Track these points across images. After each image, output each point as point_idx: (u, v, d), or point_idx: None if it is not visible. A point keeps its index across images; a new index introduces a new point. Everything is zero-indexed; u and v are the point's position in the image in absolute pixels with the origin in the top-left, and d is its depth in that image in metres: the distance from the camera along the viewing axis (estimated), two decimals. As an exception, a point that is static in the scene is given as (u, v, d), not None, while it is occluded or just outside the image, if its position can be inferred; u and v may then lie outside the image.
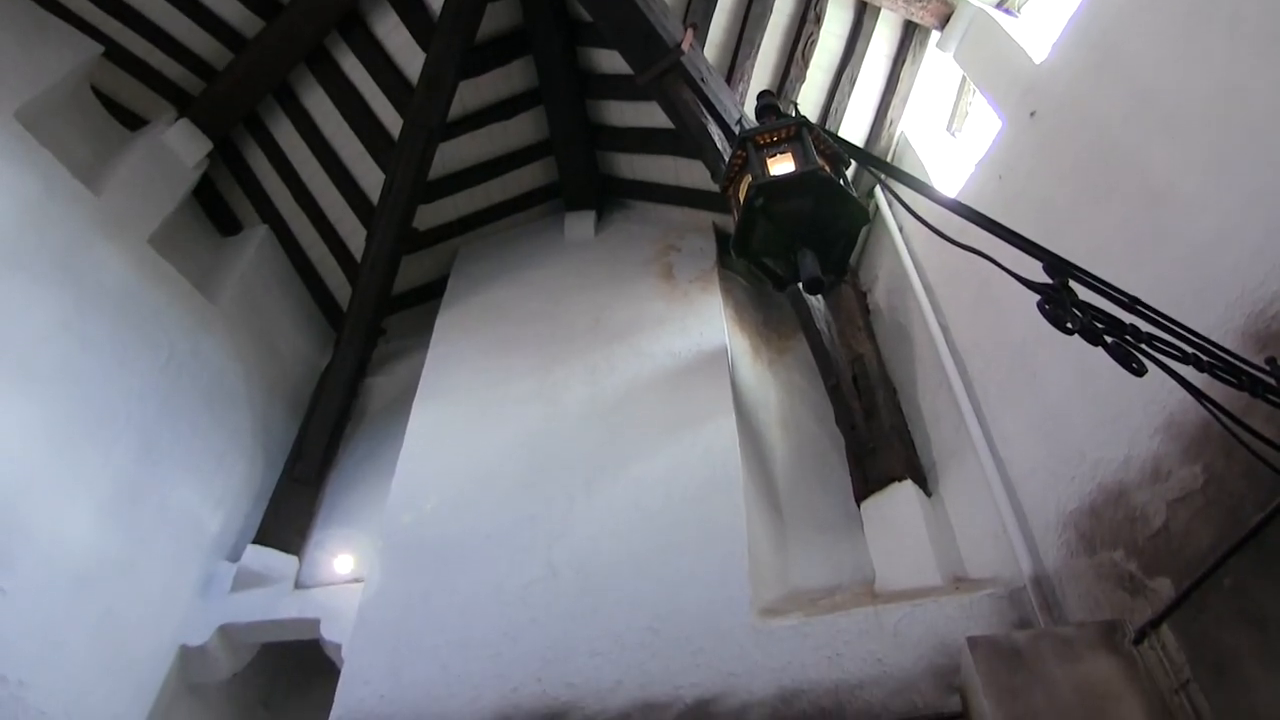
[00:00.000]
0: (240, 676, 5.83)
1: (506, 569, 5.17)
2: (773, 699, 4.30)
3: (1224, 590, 3.09)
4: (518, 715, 4.51)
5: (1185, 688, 3.25)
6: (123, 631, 5.04)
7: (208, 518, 5.97)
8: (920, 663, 4.23)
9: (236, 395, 6.49)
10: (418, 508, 5.60)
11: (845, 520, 5.36)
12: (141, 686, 5.14)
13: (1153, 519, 3.39)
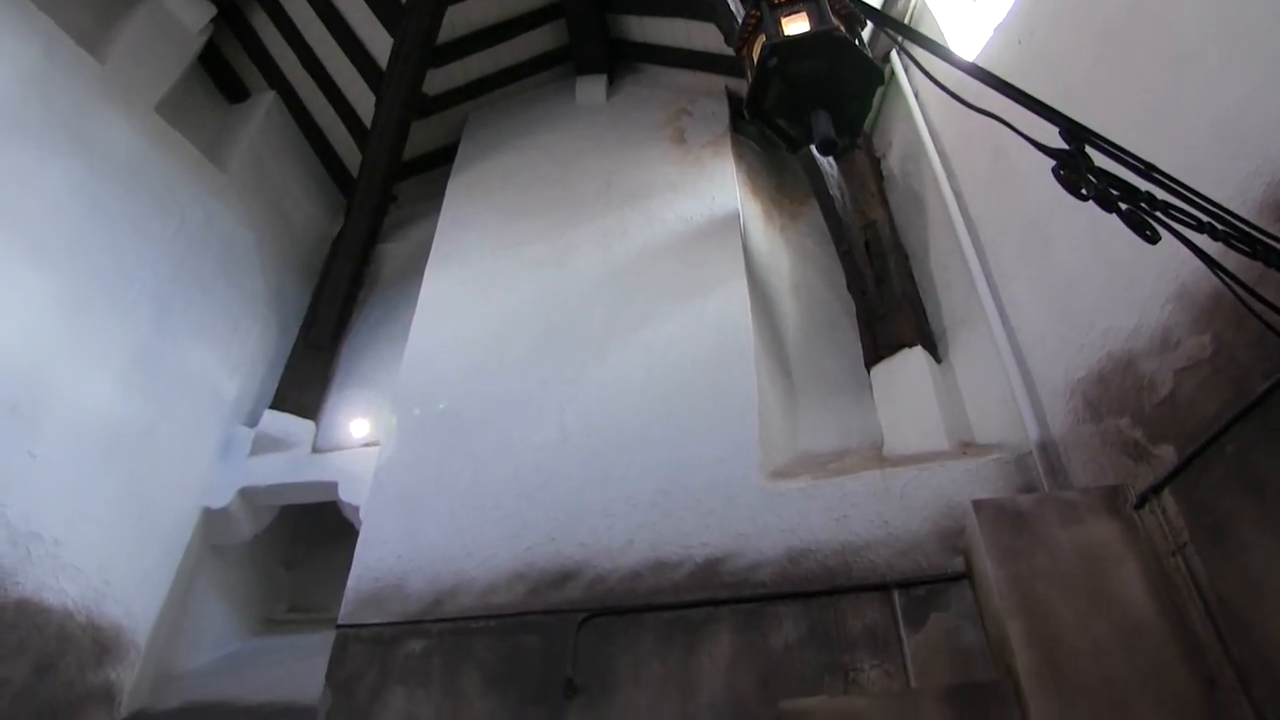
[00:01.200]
0: (261, 537, 6.01)
1: (519, 432, 5.27)
2: (781, 558, 4.42)
3: (1226, 457, 3.13)
4: (532, 573, 4.65)
5: (1182, 550, 3.32)
6: (148, 494, 5.19)
7: (225, 383, 6.06)
8: (926, 525, 4.33)
9: (249, 262, 6.52)
10: (427, 395, 5.67)
11: (855, 385, 5.41)
12: (168, 546, 5.31)
13: (1159, 387, 3.42)
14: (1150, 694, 3.19)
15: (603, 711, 4.10)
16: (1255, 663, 3.03)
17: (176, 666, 5.24)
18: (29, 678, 4.26)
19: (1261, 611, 2.99)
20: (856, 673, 3.99)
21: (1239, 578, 3.09)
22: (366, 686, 4.38)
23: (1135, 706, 3.18)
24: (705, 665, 4.16)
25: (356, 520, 5.31)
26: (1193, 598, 3.28)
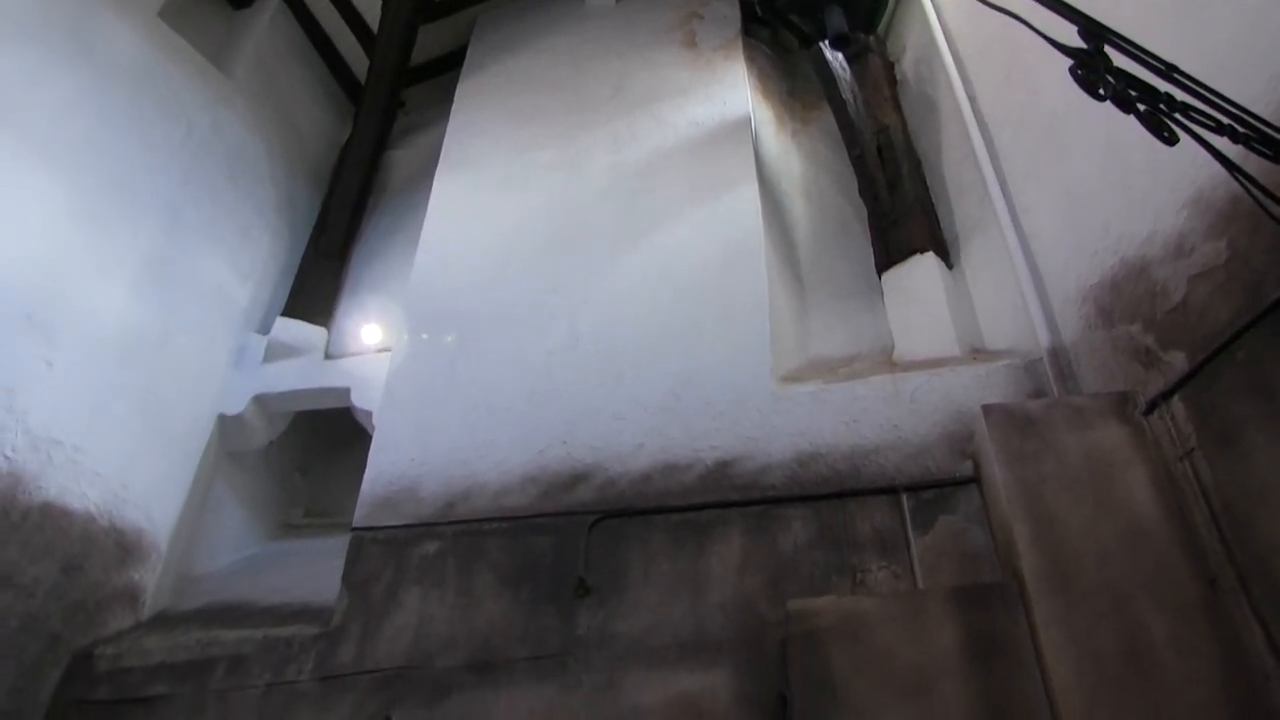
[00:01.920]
0: (276, 444, 6.09)
1: (530, 337, 5.30)
2: (790, 462, 4.47)
3: (1237, 363, 3.14)
4: (544, 476, 4.71)
5: (1190, 456, 3.36)
6: (164, 402, 5.24)
7: (237, 291, 6.08)
8: (935, 430, 4.37)
9: (258, 170, 6.48)
10: (437, 301, 5.68)
11: (866, 291, 5.42)
12: (185, 453, 5.39)
13: (1172, 294, 3.42)
14: (1152, 595, 3.26)
15: (613, 610, 4.19)
16: (1255, 565, 3.08)
17: (196, 569, 5.36)
18: (58, 578, 4.37)
19: (1265, 515, 3.04)
20: (864, 574, 4.06)
21: (1245, 482, 3.13)
22: (382, 587, 4.47)
23: (1137, 607, 3.25)
24: (715, 566, 4.23)
25: (369, 425, 5.36)
26: (1198, 502, 3.33)
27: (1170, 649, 3.14)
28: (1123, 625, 3.23)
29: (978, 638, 3.52)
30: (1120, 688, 3.11)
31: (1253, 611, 3.06)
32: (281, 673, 4.23)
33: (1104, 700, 3.10)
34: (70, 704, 4.25)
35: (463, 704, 3.97)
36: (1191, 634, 3.15)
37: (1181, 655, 3.12)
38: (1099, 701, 3.11)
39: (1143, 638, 3.18)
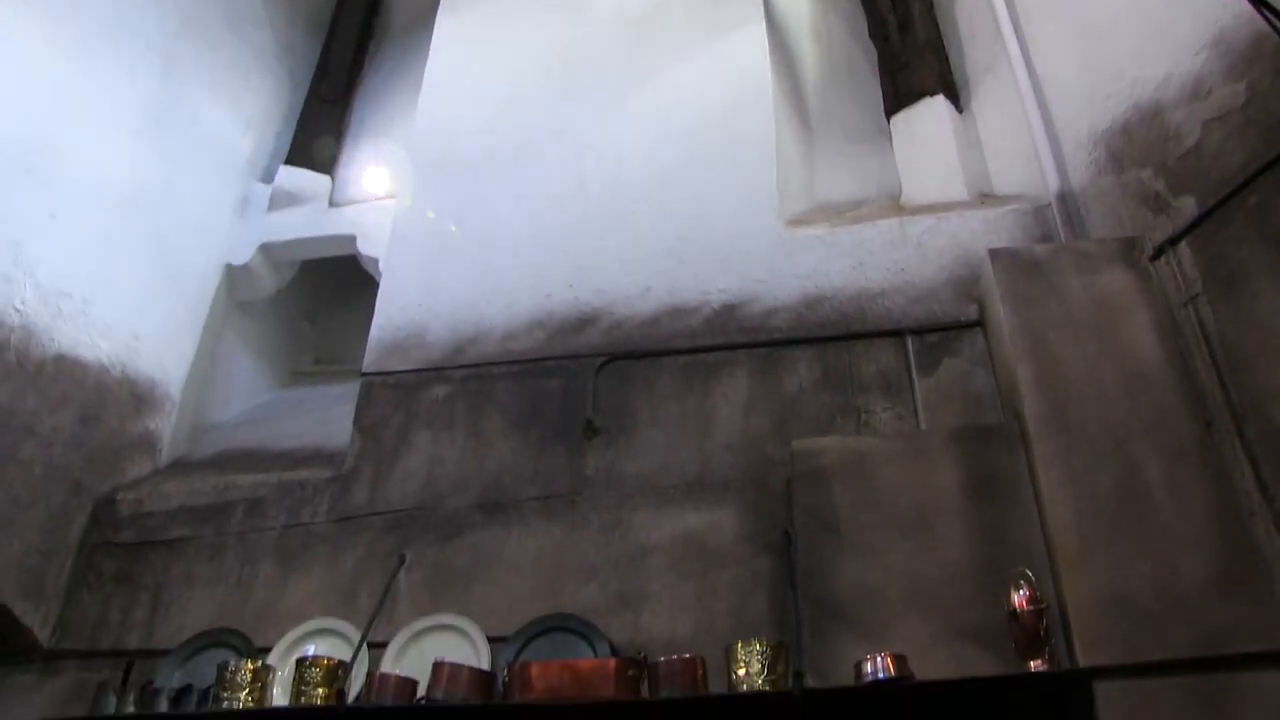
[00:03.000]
0: (284, 292, 6.08)
1: (537, 182, 5.24)
2: (797, 304, 4.50)
3: (1248, 208, 3.15)
4: (551, 321, 4.74)
5: (1194, 301, 3.40)
6: (170, 253, 5.21)
7: (239, 139, 5.96)
8: (941, 273, 4.39)
9: (256, 14, 6.25)
10: (442, 146, 5.56)
11: (875, 134, 5.34)
12: (193, 304, 5.39)
13: (1186, 138, 3.39)
14: (1151, 437, 3.34)
15: (621, 451, 4.28)
16: (1251, 407, 3.17)
17: (210, 417, 5.44)
18: (76, 427, 4.45)
19: (1265, 359, 3.10)
20: (868, 415, 4.15)
21: (1247, 327, 3.18)
22: (393, 430, 4.55)
23: (1136, 448, 3.34)
24: (721, 407, 4.31)
25: (376, 272, 5.35)
26: (1199, 347, 3.39)
27: (1164, 488, 3.24)
28: (1120, 466, 3.32)
29: (978, 477, 3.62)
30: (1114, 525, 3.22)
31: (1245, 452, 3.16)
32: (297, 515, 4.35)
33: (1098, 537, 3.22)
34: (97, 547, 4.39)
35: (474, 543, 4.09)
36: (1185, 474, 3.25)
37: (1175, 494, 3.22)
38: (1094, 538, 3.22)
39: (1138, 478, 3.29)
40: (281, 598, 4.11)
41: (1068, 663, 3.11)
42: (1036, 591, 3.18)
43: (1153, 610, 3.04)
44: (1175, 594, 3.05)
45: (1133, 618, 3.05)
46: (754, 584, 3.75)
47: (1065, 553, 3.24)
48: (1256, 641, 2.93)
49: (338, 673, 3.52)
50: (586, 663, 3.45)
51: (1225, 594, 3.02)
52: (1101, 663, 3.00)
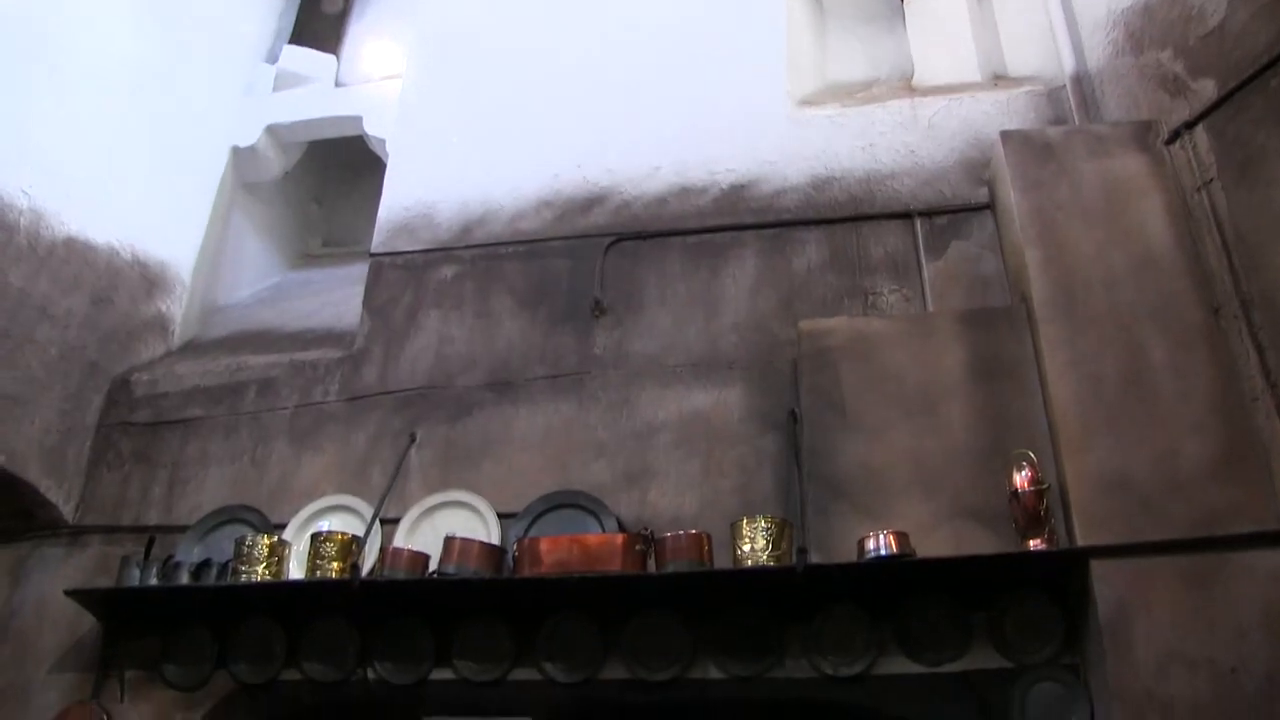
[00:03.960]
0: (291, 174, 6.01)
1: (545, 61, 5.14)
2: (806, 185, 4.47)
3: (1269, 91, 3.10)
4: (558, 200, 4.72)
5: (1208, 186, 3.37)
6: (176, 135, 5.15)
7: (241, 19, 5.85)
8: (952, 155, 4.34)
9: (260, -112, 6.08)
10: (450, 23, 5.43)
11: (887, 13, 5.20)
12: (201, 186, 5.36)
13: (1209, 17, 3.31)
14: (1157, 322, 3.36)
15: (629, 330, 4.30)
16: (1259, 293, 3.17)
17: (221, 299, 5.45)
18: (89, 309, 4.48)
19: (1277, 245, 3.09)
20: (875, 296, 4.15)
21: (1261, 212, 3.16)
22: (402, 310, 4.57)
23: (1142, 333, 3.36)
24: (729, 287, 4.31)
25: (383, 153, 5.29)
26: (1211, 232, 3.37)
27: (1168, 373, 3.27)
28: (1125, 350, 3.34)
29: (984, 359, 3.65)
30: (1117, 408, 3.26)
31: (1251, 338, 3.17)
32: (309, 394, 4.39)
33: (1101, 419, 3.26)
34: (114, 426, 4.45)
35: (483, 421, 4.14)
36: (1190, 359, 3.28)
37: (1179, 379, 3.25)
38: (1096, 420, 3.27)
39: (1143, 362, 3.31)
40: (295, 475, 4.19)
41: (1066, 542, 3.18)
42: (1038, 472, 3.24)
43: (1151, 492, 3.10)
44: (1174, 476, 3.11)
45: (1131, 499, 3.10)
46: (759, 462, 3.80)
47: (1068, 434, 3.28)
48: (1251, 523, 2.99)
49: (351, 547, 3.62)
50: (594, 537, 3.54)
51: (1223, 477, 3.07)
52: (1099, 542, 3.07)
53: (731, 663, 3.39)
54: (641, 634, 3.48)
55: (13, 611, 4.05)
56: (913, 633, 3.31)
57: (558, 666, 3.49)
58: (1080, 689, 3.13)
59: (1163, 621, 2.95)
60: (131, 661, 3.84)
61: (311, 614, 3.69)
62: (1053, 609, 3.24)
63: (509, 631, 3.55)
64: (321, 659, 3.65)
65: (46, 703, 3.83)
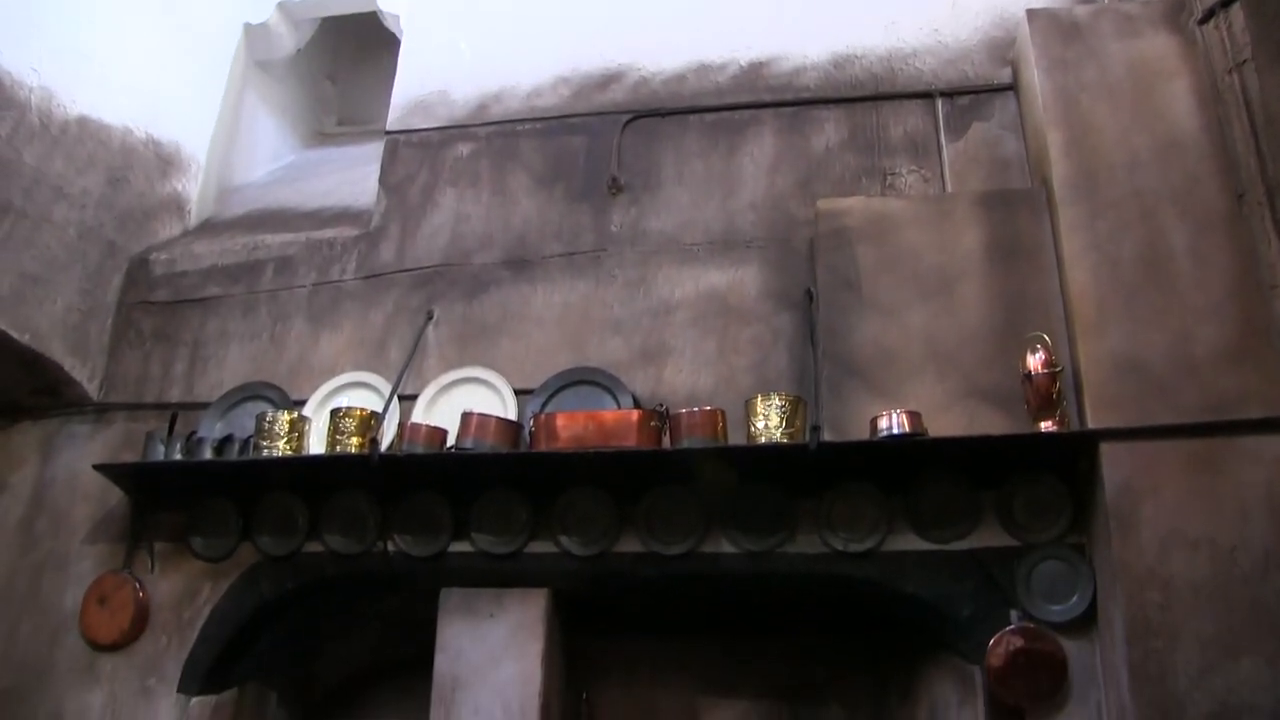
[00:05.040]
0: (305, 52, 5.88)
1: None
2: (826, 63, 4.39)
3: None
4: (575, 77, 4.65)
5: (1240, 68, 3.30)
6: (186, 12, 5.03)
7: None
8: (976, 34, 4.25)
9: None
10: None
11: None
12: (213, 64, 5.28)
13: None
14: (1179, 206, 3.34)
15: (646, 208, 4.28)
16: (1287, 178, 3.13)
17: (236, 178, 5.41)
18: (105, 189, 4.46)
19: (1304, 125, 3.04)
20: (894, 177, 4.11)
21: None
22: (418, 188, 4.55)
23: (1163, 217, 3.34)
24: (746, 166, 4.28)
25: (398, 29, 5.17)
26: (1240, 115, 3.31)
27: (1188, 258, 3.26)
28: (1145, 234, 3.33)
29: (1001, 242, 3.64)
30: (1134, 292, 3.27)
31: (1273, 224, 3.15)
32: (326, 273, 4.41)
33: (1117, 303, 3.27)
34: (134, 306, 4.48)
35: (500, 299, 4.16)
36: (1210, 245, 3.26)
37: (1198, 264, 3.25)
38: (1112, 304, 3.28)
39: (1162, 246, 3.30)
40: (314, 353, 4.23)
41: (1077, 424, 3.21)
42: (1052, 355, 3.26)
43: (1164, 376, 3.12)
44: (1187, 361, 3.13)
45: (1144, 382, 3.13)
46: (775, 341, 3.83)
47: (1083, 318, 3.29)
48: (1261, 408, 3.03)
49: (370, 422, 3.68)
50: (610, 413, 3.59)
51: (1236, 362, 3.09)
52: (1110, 425, 3.11)
53: (744, 538, 3.46)
54: (656, 509, 3.56)
55: (45, 485, 4.17)
56: (923, 510, 3.38)
57: (573, 540, 3.58)
58: (1085, 567, 3.21)
59: (1168, 503, 3.01)
60: (160, 533, 3.96)
61: (332, 488, 3.78)
62: (1061, 490, 3.30)
63: (526, 505, 3.63)
64: (342, 532, 3.75)
65: (82, 571, 3.97)
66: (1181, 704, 2.83)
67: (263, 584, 3.81)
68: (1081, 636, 3.18)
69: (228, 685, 3.86)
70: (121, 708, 3.74)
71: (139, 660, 3.80)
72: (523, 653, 3.57)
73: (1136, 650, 2.89)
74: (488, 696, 3.53)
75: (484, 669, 3.57)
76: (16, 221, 4.00)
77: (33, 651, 3.89)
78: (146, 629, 3.83)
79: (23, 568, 4.04)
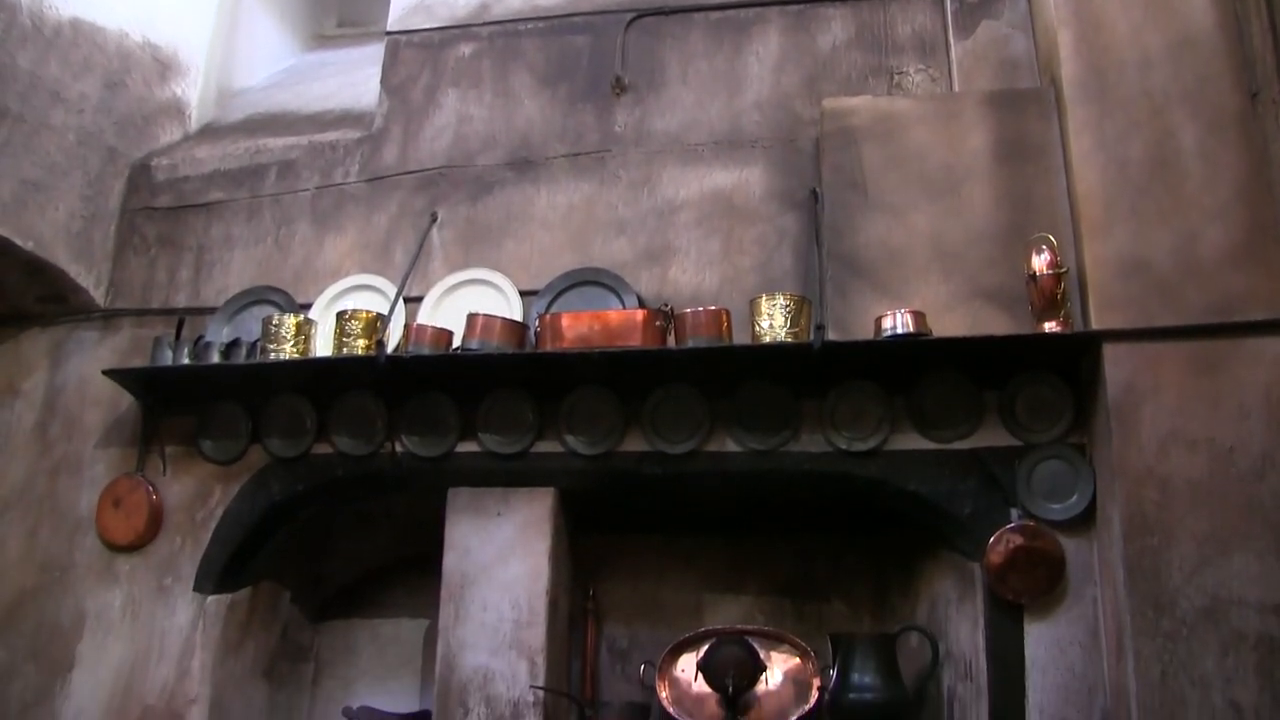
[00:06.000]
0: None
1: None
2: (833, -42, 4.31)
3: None
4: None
5: (1263, -33, 3.23)
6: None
7: None
8: None
9: None
10: None
11: None
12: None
13: None
14: (1190, 105, 3.30)
15: (651, 109, 4.23)
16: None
17: (235, 82, 5.32)
18: (103, 93, 4.41)
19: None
20: (901, 76, 4.07)
21: None
22: (420, 89, 4.49)
23: (1173, 116, 3.30)
24: (752, 65, 4.22)
25: None
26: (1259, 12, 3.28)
27: (1197, 158, 3.23)
28: (1154, 134, 3.30)
29: (1009, 142, 3.61)
30: (1142, 193, 3.25)
31: (1288, 119, 3.12)
32: (329, 176, 4.38)
33: (1124, 204, 3.26)
34: (137, 211, 4.46)
35: (504, 199, 4.14)
36: (1221, 144, 3.23)
37: (1207, 164, 3.22)
38: (1119, 204, 3.26)
39: (1171, 146, 3.27)
40: (318, 256, 4.23)
41: (1081, 325, 3.22)
42: (1057, 256, 3.25)
43: (1169, 277, 3.12)
44: (1193, 262, 3.12)
45: (1148, 284, 3.13)
46: (779, 241, 3.82)
47: (1089, 218, 3.28)
48: (1265, 309, 3.03)
49: (376, 324, 3.70)
50: (615, 313, 3.61)
51: (1242, 264, 3.09)
52: (1113, 326, 3.12)
53: (748, 437, 3.51)
54: (661, 408, 3.59)
55: (56, 391, 4.21)
56: (926, 410, 3.41)
57: (579, 439, 3.62)
58: (1085, 467, 3.25)
59: (1169, 404, 3.04)
60: (170, 437, 4.01)
61: (339, 390, 3.82)
62: (1063, 390, 3.33)
63: (532, 406, 3.67)
64: (350, 433, 3.79)
65: (96, 474, 4.04)
66: (1174, 598, 2.90)
67: (273, 486, 3.86)
68: (1080, 534, 3.24)
69: (242, 584, 3.95)
70: (140, 606, 3.85)
71: (155, 561, 3.89)
72: (530, 550, 3.64)
73: (1133, 547, 2.95)
74: (496, 593, 3.62)
75: (492, 567, 3.64)
76: (14, 126, 3.96)
77: (53, 552, 3.98)
78: (161, 530, 3.91)
79: (39, 471, 4.11)
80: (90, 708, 3.76)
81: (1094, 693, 3.12)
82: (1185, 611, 2.88)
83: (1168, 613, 2.89)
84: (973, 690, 3.32)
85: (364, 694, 4.35)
